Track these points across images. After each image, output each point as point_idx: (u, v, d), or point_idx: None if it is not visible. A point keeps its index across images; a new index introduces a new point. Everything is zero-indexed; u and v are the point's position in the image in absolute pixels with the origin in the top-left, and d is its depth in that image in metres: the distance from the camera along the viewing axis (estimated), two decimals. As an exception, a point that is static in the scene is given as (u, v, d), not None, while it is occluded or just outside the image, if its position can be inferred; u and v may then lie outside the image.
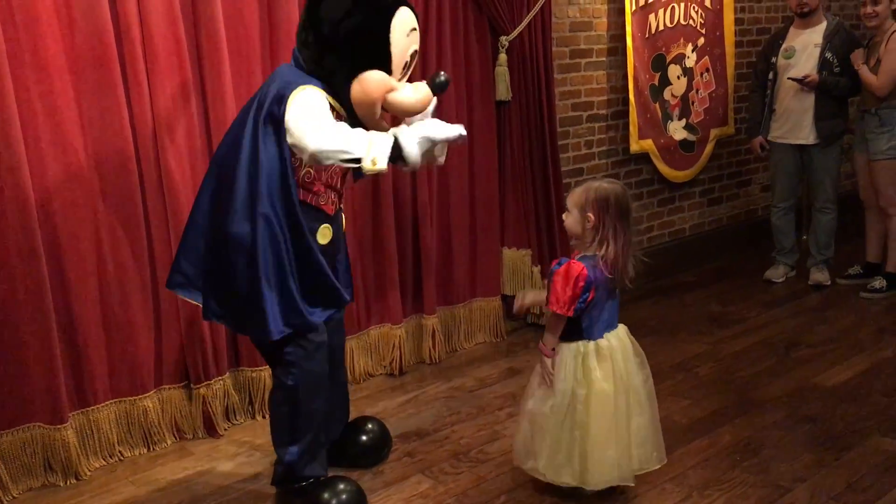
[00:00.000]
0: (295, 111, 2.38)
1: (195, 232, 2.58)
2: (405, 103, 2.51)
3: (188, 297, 2.61)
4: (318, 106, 2.42)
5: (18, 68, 2.74)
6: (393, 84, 2.49)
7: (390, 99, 2.48)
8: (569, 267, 2.53)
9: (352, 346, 3.74)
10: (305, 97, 2.41)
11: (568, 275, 2.52)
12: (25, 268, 2.79)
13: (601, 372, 2.58)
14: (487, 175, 4.08)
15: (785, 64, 4.80)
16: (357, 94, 2.45)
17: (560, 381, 2.59)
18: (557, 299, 2.53)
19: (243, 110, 2.55)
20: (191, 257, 2.57)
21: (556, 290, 2.53)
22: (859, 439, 3.07)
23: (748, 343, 4.11)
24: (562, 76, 4.51)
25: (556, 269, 2.56)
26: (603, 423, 2.56)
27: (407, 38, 2.51)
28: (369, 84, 2.44)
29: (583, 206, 2.57)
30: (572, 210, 2.60)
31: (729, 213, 5.75)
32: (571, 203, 2.61)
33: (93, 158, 2.94)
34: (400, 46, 2.48)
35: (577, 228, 2.60)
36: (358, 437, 2.98)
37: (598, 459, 2.57)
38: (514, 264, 4.23)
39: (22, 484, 2.92)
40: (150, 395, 3.17)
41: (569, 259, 2.58)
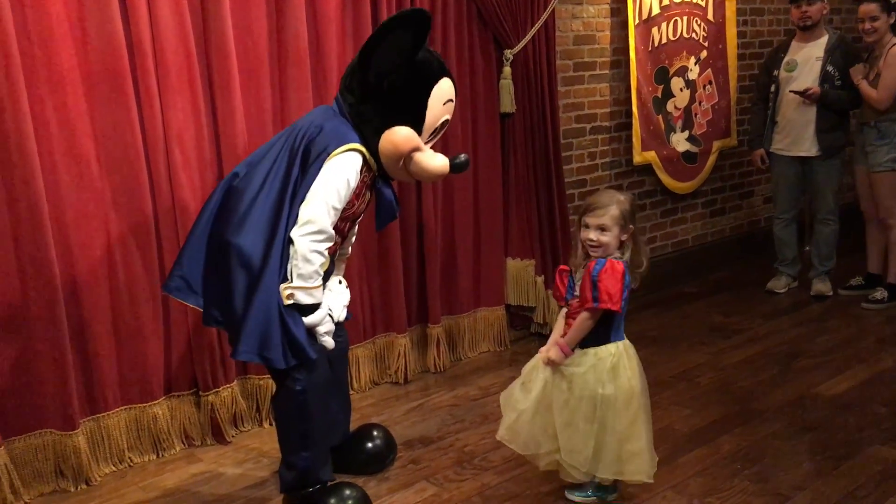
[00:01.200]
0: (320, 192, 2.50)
1: (199, 239, 2.63)
2: (427, 166, 2.64)
3: (185, 300, 2.64)
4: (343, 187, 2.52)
5: (33, 82, 2.80)
6: (420, 144, 2.61)
7: (416, 158, 2.61)
8: (612, 265, 2.60)
9: (357, 354, 3.79)
10: (341, 166, 2.53)
11: (615, 272, 2.58)
12: (38, 277, 2.84)
13: (630, 371, 2.66)
14: (491, 186, 4.13)
15: (787, 77, 4.85)
16: (385, 146, 2.58)
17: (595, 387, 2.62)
18: (611, 296, 2.56)
19: (278, 139, 2.65)
20: (192, 263, 2.62)
21: (608, 287, 2.56)
22: (859, 449, 3.10)
23: (749, 353, 4.14)
24: (565, 89, 4.57)
25: (599, 269, 2.59)
26: (629, 418, 2.63)
27: (443, 106, 2.67)
28: (398, 138, 2.56)
29: (626, 219, 2.64)
30: (612, 227, 2.62)
31: (731, 225, 5.79)
32: (611, 221, 2.62)
33: (105, 170, 3.00)
34: (434, 112, 2.63)
35: (616, 244, 2.65)
36: (363, 444, 3.03)
37: (631, 452, 2.63)
38: (517, 274, 4.28)
39: (33, 489, 2.96)
40: (159, 402, 3.22)
41: (605, 259, 2.62)
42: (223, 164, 3.23)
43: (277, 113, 3.38)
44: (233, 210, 2.56)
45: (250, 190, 2.56)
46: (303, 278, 2.50)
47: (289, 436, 2.66)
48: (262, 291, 2.48)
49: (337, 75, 3.47)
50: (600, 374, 2.62)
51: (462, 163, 2.72)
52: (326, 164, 2.51)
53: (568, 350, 2.65)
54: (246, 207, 2.54)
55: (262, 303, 2.48)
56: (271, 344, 2.48)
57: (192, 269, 2.62)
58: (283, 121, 3.38)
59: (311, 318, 2.54)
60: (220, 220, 2.60)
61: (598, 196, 2.71)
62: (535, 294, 4.27)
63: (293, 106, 3.37)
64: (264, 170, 2.58)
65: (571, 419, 2.64)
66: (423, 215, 3.87)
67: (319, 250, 2.52)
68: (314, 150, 2.53)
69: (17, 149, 2.74)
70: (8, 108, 2.71)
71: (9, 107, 2.71)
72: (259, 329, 2.48)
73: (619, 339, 2.68)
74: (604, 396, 2.61)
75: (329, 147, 2.53)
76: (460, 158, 2.72)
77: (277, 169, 2.56)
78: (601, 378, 2.62)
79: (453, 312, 4.14)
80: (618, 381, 2.62)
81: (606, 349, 2.65)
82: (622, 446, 2.63)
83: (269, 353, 2.48)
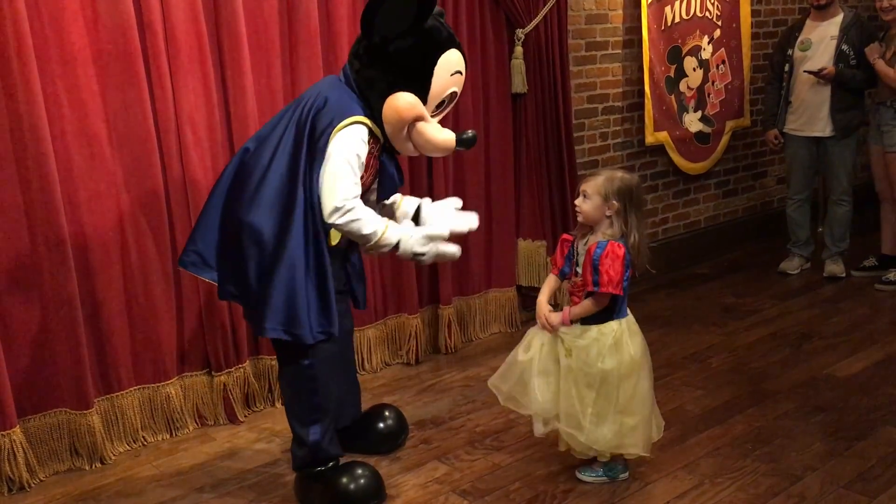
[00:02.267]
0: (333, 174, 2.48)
1: (212, 214, 2.63)
2: (431, 137, 2.58)
3: (201, 275, 2.65)
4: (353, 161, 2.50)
5: (45, 63, 2.80)
6: (424, 113, 2.55)
7: (420, 128, 2.55)
8: (614, 248, 2.61)
9: (368, 335, 3.80)
10: (347, 140, 2.49)
11: (615, 255, 2.60)
12: (52, 257, 2.86)
13: (632, 347, 2.67)
14: (503, 167, 4.11)
15: (801, 56, 4.80)
16: (388, 112, 2.52)
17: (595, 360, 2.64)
18: (611, 280, 2.59)
19: (286, 112, 2.62)
20: (206, 238, 2.63)
21: (609, 272, 2.59)
22: (871, 429, 3.10)
23: (762, 334, 4.13)
24: (577, 68, 4.54)
25: (600, 253, 2.61)
26: (629, 392, 2.66)
27: (450, 77, 2.59)
28: (401, 104, 2.50)
29: (607, 194, 2.64)
30: (593, 196, 2.66)
31: (744, 205, 5.76)
32: (592, 190, 2.66)
33: (116, 150, 3.01)
34: (441, 82, 2.56)
35: (596, 214, 2.67)
36: (375, 424, 3.04)
37: (630, 426, 2.66)
38: (529, 255, 4.27)
39: (48, 468, 3.00)
40: (172, 381, 3.24)
41: (607, 242, 2.64)
42: (234, 144, 3.23)
43: (288, 93, 3.38)
44: (244, 187, 2.56)
45: (259, 166, 2.55)
46: (370, 240, 2.53)
47: (298, 411, 2.67)
48: (284, 268, 2.48)
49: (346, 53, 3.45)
50: (602, 348, 2.64)
51: (469, 138, 2.64)
52: (332, 140, 2.48)
53: (568, 321, 2.68)
54: (256, 184, 2.53)
55: (284, 280, 2.48)
56: (299, 321, 2.49)
57: (206, 245, 2.63)
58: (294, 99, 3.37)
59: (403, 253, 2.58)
60: (233, 196, 2.60)
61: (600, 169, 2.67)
62: (546, 275, 4.26)
63: (304, 86, 3.35)
64: (272, 145, 2.56)
65: (570, 387, 2.67)
66: (433, 196, 3.85)
67: (353, 218, 2.49)
68: (319, 125, 2.50)
69: (29, 129, 2.75)
70: (20, 88, 2.71)
71: (21, 87, 2.71)
72: (284, 306, 2.49)
73: (621, 317, 2.70)
74: (603, 370, 2.63)
75: (333, 121, 2.49)
76: (468, 134, 2.65)
77: (285, 143, 2.54)
78: (602, 352, 2.64)
79: (464, 293, 4.14)
80: (618, 356, 2.64)
81: (609, 326, 2.67)
82: (622, 420, 2.66)
83: (298, 329, 2.50)
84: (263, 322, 2.51)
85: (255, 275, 2.51)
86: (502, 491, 2.78)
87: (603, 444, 2.69)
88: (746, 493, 2.71)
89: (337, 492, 2.62)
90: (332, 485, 2.64)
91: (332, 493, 2.63)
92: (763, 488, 2.73)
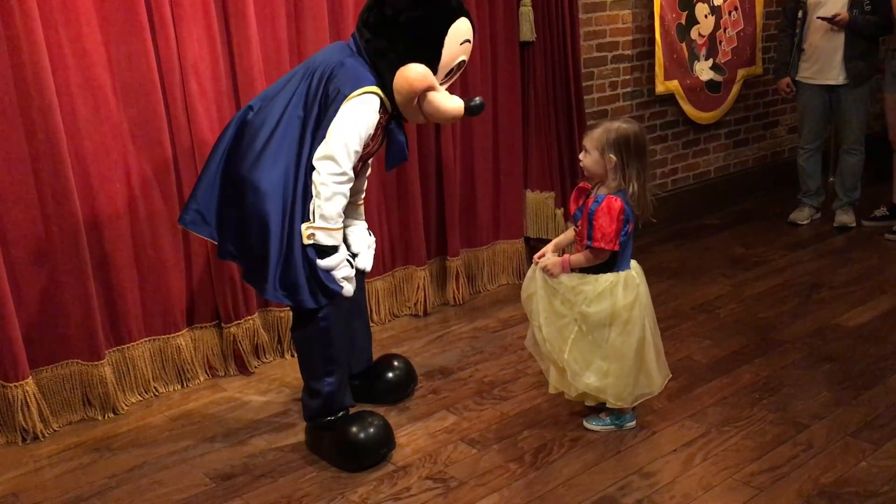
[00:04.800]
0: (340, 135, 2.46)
1: (214, 172, 2.62)
2: (441, 106, 2.58)
3: (200, 233, 2.65)
4: (363, 130, 2.49)
5: (47, 12, 2.76)
6: (435, 83, 2.56)
7: (430, 97, 2.56)
8: (609, 202, 2.61)
9: (377, 287, 3.81)
10: (360, 109, 2.49)
11: (611, 210, 2.60)
12: (60, 209, 2.86)
13: (624, 299, 2.67)
14: (511, 117, 4.07)
15: (815, 2, 4.71)
16: (399, 83, 2.53)
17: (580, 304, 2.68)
18: (604, 235, 2.60)
19: (294, 74, 2.61)
20: (208, 196, 2.62)
21: (602, 227, 2.60)
22: (878, 379, 3.10)
23: (771, 284, 4.13)
24: (587, 16, 4.47)
25: (596, 207, 2.62)
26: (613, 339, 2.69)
27: (460, 46, 2.60)
28: (412, 75, 2.51)
29: (604, 147, 2.62)
30: (592, 151, 2.65)
31: (755, 155, 5.70)
32: (591, 144, 2.66)
33: (121, 102, 2.99)
34: (451, 51, 2.57)
35: (597, 168, 2.66)
36: (384, 373, 3.06)
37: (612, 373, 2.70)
38: (537, 207, 4.25)
39: (62, 418, 3.04)
40: (182, 333, 3.26)
41: (605, 195, 2.63)
42: (239, 94, 3.21)
43: (293, 43, 3.34)
44: (248, 145, 2.54)
45: (266, 125, 2.53)
46: (325, 219, 2.49)
47: (311, 363, 2.69)
48: (285, 230, 2.49)
49: (352, 4, 3.41)
50: (590, 294, 2.66)
51: (477, 105, 2.66)
52: (344, 106, 2.48)
53: (568, 268, 2.70)
54: (262, 143, 2.51)
55: (286, 242, 2.49)
56: (299, 284, 2.49)
57: (207, 203, 2.62)
58: (298, 50, 3.34)
59: (327, 261, 2.52)
60: (236, 154, 2.58)
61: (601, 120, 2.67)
62: (554, 227, 4.25)
63: (309, 35, 3.32)
64: (280, 105, 2.55)
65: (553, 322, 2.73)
66: (441, 147, 3.83)
67: (342, 192, 2.51)
68: (332, 91, 2.50)
69: (33, 80, 2.73)
70: (23, 39, 2.69)
71: (24, 38, 2.69)
72: (286, 269, 2.49)
73: (622, 269, 2.70)
74: (584, 313, 2.67)
75: (346, 89, 2.49)
76: (475, 101, 2.66)
77: (295, 106, 2.53)
78: (589, 297, 2.66)
79: (472, 245, 4.14)
80: (604, 304, 2.66)
81: (606, 277, 2.68)
82: (605, 367, 2.69)
83: (299, 293, 2.50)
84: (264, 283, 2.51)
85: (255, 235, 2.51)
86: (510, 440, 2.81)
87: (588, 388, 2.72)
88: (753, 441, 2.73)
89: (347, 440, 2.65)
90: (343, 433, 2.67)
91: (343, 441, 2.66)
92: (770, 437, 2.75)
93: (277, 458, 2.77)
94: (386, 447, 2.71)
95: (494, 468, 2.65)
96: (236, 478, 2.66)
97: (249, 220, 2.51)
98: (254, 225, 2.50)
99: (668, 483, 2.52)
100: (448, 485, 2.57)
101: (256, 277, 2.57)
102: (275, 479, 2.65)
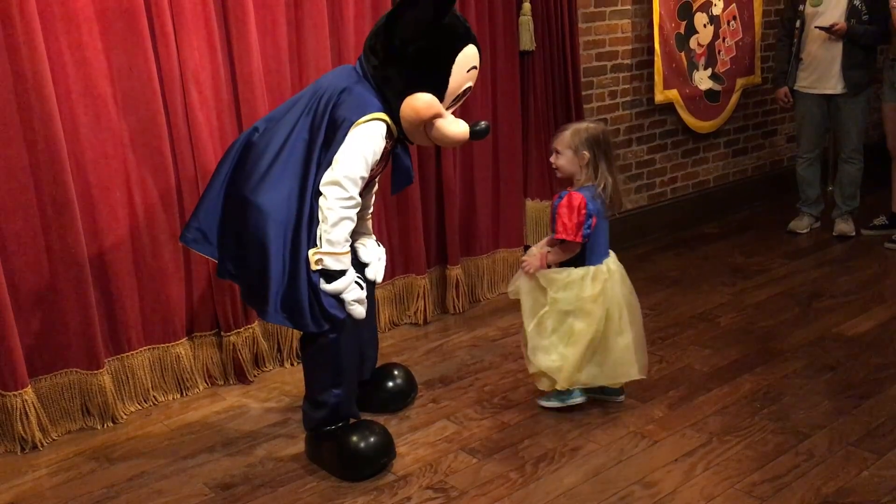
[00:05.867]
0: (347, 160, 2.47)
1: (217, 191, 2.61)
2: (448, 133, 2.60)
3: (201, 251, 2.64)
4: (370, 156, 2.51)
5: (48, 20, 2.77)
6: (441, 110, 2.58)
7: (437, 124, 2.58)
8: (570, 197, 2.79)
9: (377, 295, 3.79)
10: (367, 135, 2.50)
11: (571, 204, 2.78)
12: (60, 218, 2.85)
13: (589, 290, 2.84)
14: (511, 126, 4.08)
15: (812, 12, 4.72)
16: (407, 112, 2.54)
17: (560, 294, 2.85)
18: (565, 227, 2.78)
19: (301, 98, 2.61)
20: (210, 215, 2.61)
21: (563, 220, 2.79)
22: (879, 388, 3.10)
23: (771, 293, 4.12)
24: (586, 25, 4.48)
25: (558, 203, 2.81)
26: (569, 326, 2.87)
27: (466, 73, 2.62)
28: (419, 104, 2.53)
29: (577, 146, 2.82)
30: (564, 151, 2.84)
31: (754, 164, 5.71)
32: (563, 145, 2.84)
33: (122, 110, 2.99)
34: (458, 79, 2.59)
35: (571, 167, 2.85)
36: (384, 382, 3.05)
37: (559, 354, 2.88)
38: (537, 215, 4.26)
39: (61, 427, 3.02)
40: (182, 342, 3.25)
41: (568, 191, 2.81)
42: (240, 103, 3.21)
43: (294, 51, 3.34)
44: (253, 166, 2.54)
45: (271, 148, 2.53)
46: (332, 244, 2.49)
47: (319, 375, 2.67)
48: (290, 254, 2.48)
49: (353, 12, 3.42)
50: (559, 283, 2.85)
51: (482, 130, 2.70)
52: (351, 132, 2.48)
53: (545, 263, 2.86)
54: (267, 166, 2.51)
55: (289, 265, 2.48)
56: (302, 308, 2.48)
57: (209, 222, 2.61)
58: (299, 59, 3.34)
59: (335, 285, 2.51)
60: (240, 175, 2.57)
61: (567, 124, 2.96)
62: (554, 235, 4.25)
63: (309, 44, 3.33)
64: (286, 128, 2.55)
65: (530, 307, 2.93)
66: (441, 156, 3.84)
67: (349, 216, 2.51)
68: (339, 117, 2.50)
69: (34, 88, 2.73)
70: (24, 47, 2.69)
71: (25, 46, 2.68)
72: (288, 292, 2.48)
73: (593, 264, 2.87)
74: (554, 299, 2.85)
75: (353, 115, 2.50)
76: (480, 126, 2.71)
77: (300, 129, 2.53)
78: (559, 286, 2.85)
79: (472, 254, 4.13)
80: (569, 293, 2.84)
81: (577, 270, 2.85)
82: (564, 349, 2.87)
83: (302, 317, 2.49)
84: (265, 306, 2.50)
85: (255, 256, 2.50)
86: (511, 449, 2.80)
87: (544, 367, 2.89)
88: (754, 450, 2.72)
89: (348, 449, 2.64)
90: (343, 443, 2.65)
91: (343, 450, 2.64)
92: (771, 446, 2.74)
93: (277, 467, 2.76)
94: (386, 457, 2.70)
95: (495, 477, 2.64)
96: (236, 487, 2.65)
97: (250, 241, 2.50)
98: (254, 246, 2.49)
99: (669, 493, 2.51)
100: (449, 494, 2.56)
101: (256, 299, 2.56)
102: (274, 488, 2.64)
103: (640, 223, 4.96)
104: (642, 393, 3.12)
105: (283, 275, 2.49)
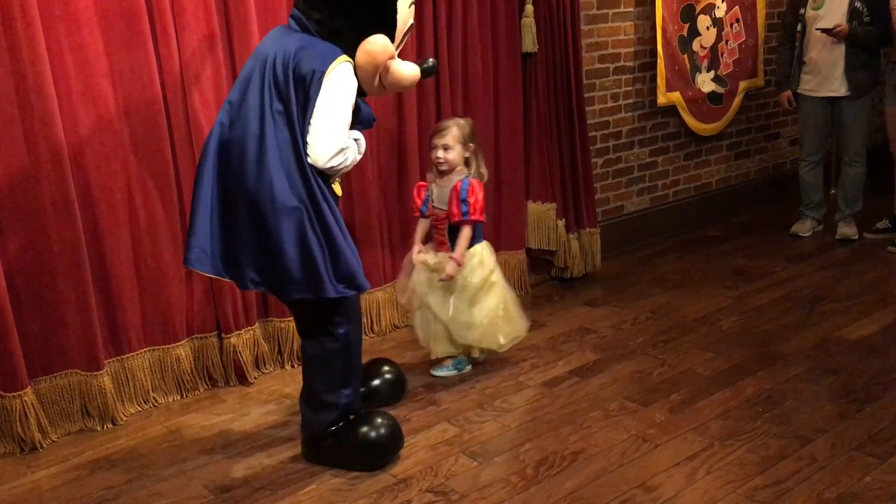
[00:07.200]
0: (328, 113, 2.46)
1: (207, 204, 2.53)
2: (403, 75, 2.61)
3: (206, 271, 2.55)
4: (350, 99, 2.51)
5: (49, 22, 2.76)
6: (394, 52, 2.57)
7: (392, 67, 2.57)
8: (474, 182, 3.17)
9: (377, 298, 3.80)
10: (340, 80, 2.48)
11: (477, 189, 3.16)
12: (60, 219, 2.85)
13: (491, 265, 3.28)
14: (513, 128, 4.07)
15: (813, 15, 4.71)
16: (363, 58, 2.52)
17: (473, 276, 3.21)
18: (480, 208, 3.16)
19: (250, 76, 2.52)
20: (205, 230, 2.53)
21: (478, 203, 3.15)
22: (882, 392, 3.09)
23: (773, 297, 4.11)
24: (589, 27, 4.47)
25: (467, 188, 3.14)
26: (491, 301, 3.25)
27: (409, 9, 2.63)
28: (375, 48, 2.51)
29: (465, 139, 3.17)
30: (455, 146, 3.15)
31: (756, 167, 5.70)
32: (453, 141, 3.15)
33: (123, 110, 2.98)
34: (402, 15, 2.60)
35: (459, 160, 3.18)
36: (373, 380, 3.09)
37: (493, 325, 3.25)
38: (538, 218, 4.24)
39: (61, 428, 3.01)
40: (182, 343, 3.25)
41: (467, 178, 3.16)
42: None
43: (296, 53, 3.33)
44: (241, 161, 2.46)
45: (251, 136, 2.45)
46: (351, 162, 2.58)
47: (330, 377, 2.65)
48: (304, 228, 2.45)
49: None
50: (472, 266, 3.21)
51: (430, 67, 2.74)
52: (325, 81, 2.44)
53: (461, 261, 3.18)
54: (255, 154, 2.44)
55: (304, 239, 2.45)
56: (319, 276, 2.47)
57: (207, 238, 2.53)
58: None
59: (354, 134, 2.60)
60: (229, 175, 2.50)
61: (442, 121, 3.26)
62: (556, 238, 4.24)
63: (311, 45, 3.32)
64: (254, 109, 2.47)
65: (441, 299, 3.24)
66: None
67: (346, 159, 2.53)
68: (307, 72, 2.43)
69: (35, 90, 2.72)
70: (25, 48, 2.68)
71: (26, 47, 2.68)
72: (302, 265, 2.46)
73: (479, 242, 3.27)
74: (469, 282, 3.20)
75: (323, 65, 2.44)
76: (428, 63, 2.74)
77: (270, 104, 2.45)
78: (472, 269, 3.21)
79: (474, 256, 4.11)
80: (481, 271, 3.22)
81: (474, 249, 3.24)
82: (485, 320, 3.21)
83: (318, 285, 2.48)
84: (289, 285, 2.48)
85: (289, 243, 2.45)
86: (512, 452, 2.79)
87: (473, 341, 3.25)
88: (757, 454, 2.71)
89: (357, 442, 2.65)
90: (355, 437, 2.65)
91: (360, 444, 2.65)
92: (773, 450, 2.73)
93: (277, 470, 2.75)
94: (401, 441, 2.75)
95: (495, 481, 2.63)
96: (235, 490, 2.64)
97: (276, 233, 2.45)
98: (283, 235, 2.44)
99: (671, 497, 2.50)
100: (449, 498, 2.55)
101: (278, 284, 2.52)
102: (274, 491, 2.63)
103: (641, 226, 4.94)
104: (644, 396, 3.11)
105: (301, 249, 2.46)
